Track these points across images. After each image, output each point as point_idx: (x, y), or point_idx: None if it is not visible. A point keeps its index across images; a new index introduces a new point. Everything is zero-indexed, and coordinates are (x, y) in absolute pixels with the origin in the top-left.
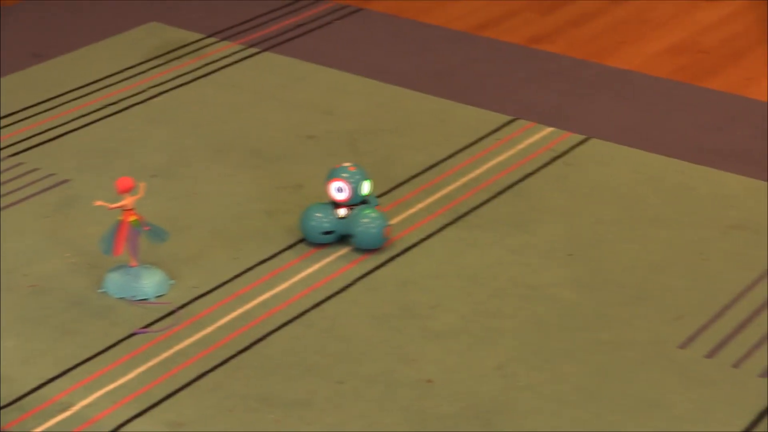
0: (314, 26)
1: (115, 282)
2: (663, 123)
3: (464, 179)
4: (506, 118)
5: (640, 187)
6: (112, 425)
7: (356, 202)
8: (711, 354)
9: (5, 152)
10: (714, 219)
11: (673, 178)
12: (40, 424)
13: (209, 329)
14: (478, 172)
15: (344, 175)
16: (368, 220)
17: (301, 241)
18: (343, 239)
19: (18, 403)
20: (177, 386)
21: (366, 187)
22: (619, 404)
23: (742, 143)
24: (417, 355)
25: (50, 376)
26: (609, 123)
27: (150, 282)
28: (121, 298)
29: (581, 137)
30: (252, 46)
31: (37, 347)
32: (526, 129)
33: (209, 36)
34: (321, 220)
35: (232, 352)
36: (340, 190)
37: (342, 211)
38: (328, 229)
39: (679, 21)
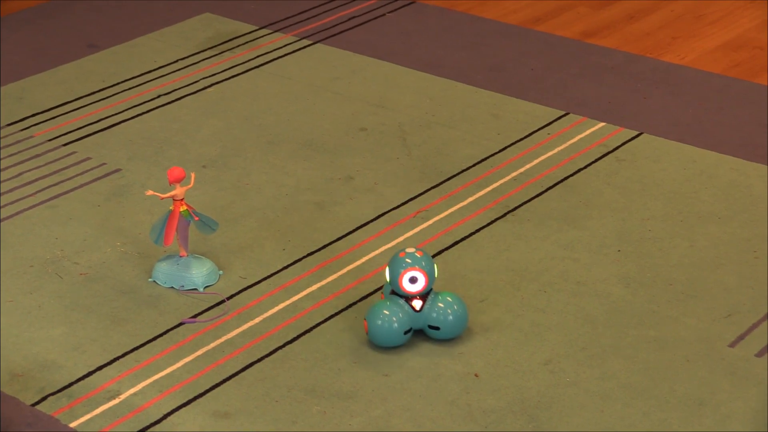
0: (367, 18)
1: (164, 271)
2: (716, 119)
3: (515, 173)
4: (558, 112)
5: (692, 184)
6: (159, 414)
7: (429, 290)
8: (761, 353)
9: (59, 141)
10: (766, 216)
11: (726, 174)
12: (88, 411)
13: (257, 320)
14: (528, 166)
15: (414, 262)
16: (450, 305)
17: (350, 233)
18: (416, 332)
19: (67, 390)
20: (224, 376)
21: (436, 270)
22: (667, 402)
23: None
24: (464, 348)
25: (99, 364)
26: (661, 118)
27: (199, 272)
28: (170, 287)
29: (633, 132)
30: (305, 37)
31: (87, 335)
32: (577, 124)
33: (262, 27)
34: (399, 319)
35: (279, 344)
36: (413, 280)
37: (417, 303)
38: (408, 327)
39: (735, 17)
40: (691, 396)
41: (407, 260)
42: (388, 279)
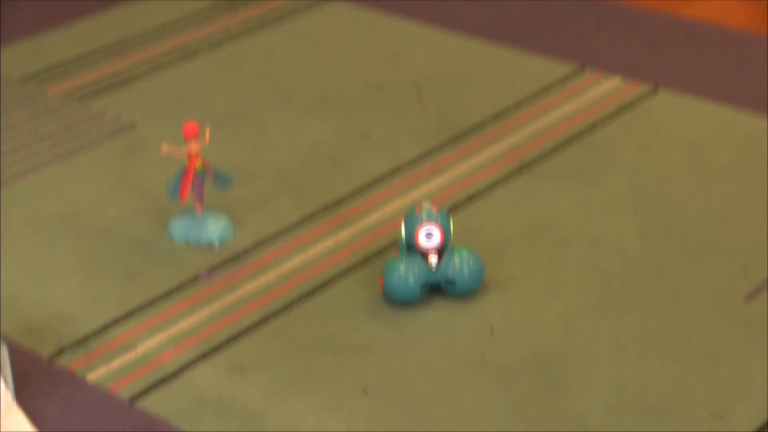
0: None
1: (180, 227)
2: (733, 74)
3: (530, 129)
4: (574, 67)
5: (709, 139)
6: (175, 368)
7: (445, 245)
8: None
9: (74, 97)
10: None
11: (742, 129)
12: (104, 364)
13: (272, 275)
14: (544, 122)
15: (430, 217)
16: (465, 260)
17: (366, 188)
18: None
19: (83, 344)
20: (239, 330)
21: (452, 226)
22: (682, 356)
23: None
24: (479, 303)
25: (115, 317)
26: (678, 74)
27: (215, 227)
28: (185, 243)
29: (650, 88)
30: None
31: (103, 289)
32: (594, 79)
33: None
34: (415, 275)
35: (295, 298)
36: (429, 235)
37: (434, 259)
38: (425, 283)
39: None
40: (707, 350)
41: (423, 216)
42: (403, 235)
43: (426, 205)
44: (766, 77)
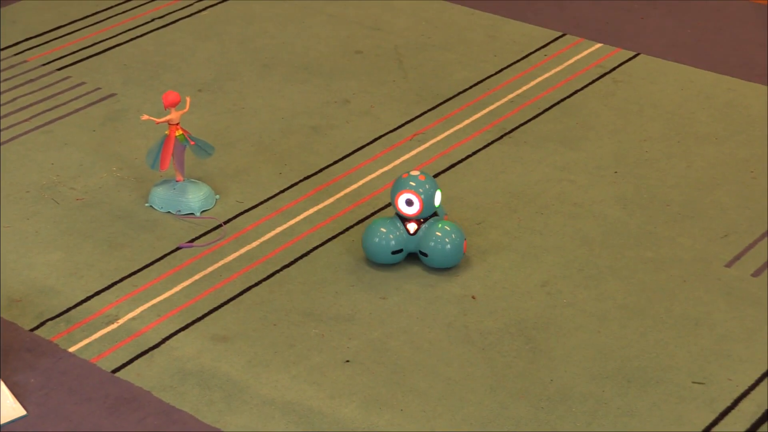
0: None
1: (160, 196)
2: (714, 39)
3: (511, 95)
4: (555, 33)
5: (689, 104)
6: (158, 338)
7: (427, 215)
8: (757, 273)
9: (53, 66)
10: (764, 136)
11: (723, 95)
12: (86, 336)
13: (254, 244)
14: (525, 88)
15: (412, 185)
16: (443, 236)
17: (347, 156)
18: (411, 256)
19: (65, 315)
20: (222, 301)
21: (438, 198)
22: (663, 322)
23: None
24: (461, 271)
25: (97, 289)
26: (659, 39)
27: (195, 196)
28: (166, 212)
29: (630, 53)
30: None
31: (84, 260)
32: (574, 45)
33: None
34: (388, 238)
35: (277, 267)
36: (409, 203)
37: (412, 226)
38: (398, 248)
39: None
40: (688, 316)
41: (406, 182)
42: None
43: (414, 173)
44: (747, 42)
